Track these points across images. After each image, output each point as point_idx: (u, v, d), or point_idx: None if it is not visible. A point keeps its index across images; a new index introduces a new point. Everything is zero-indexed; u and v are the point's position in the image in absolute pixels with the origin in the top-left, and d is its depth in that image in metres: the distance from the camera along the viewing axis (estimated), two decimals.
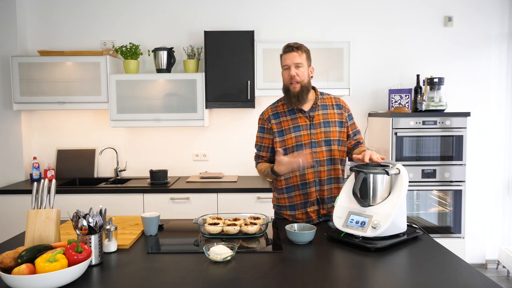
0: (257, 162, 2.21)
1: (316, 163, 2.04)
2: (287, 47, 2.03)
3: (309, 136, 2.04)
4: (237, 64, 3.40)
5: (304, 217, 2.08)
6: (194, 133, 3.78)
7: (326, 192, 2.07)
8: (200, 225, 1.87)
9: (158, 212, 1.97)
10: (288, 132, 2.06)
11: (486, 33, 3.72)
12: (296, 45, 2.02)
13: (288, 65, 2.02)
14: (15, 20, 3.51)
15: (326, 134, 2.05)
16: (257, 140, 2.18)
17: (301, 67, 2.01)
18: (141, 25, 3.72)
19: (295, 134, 2.05)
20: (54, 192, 1.65)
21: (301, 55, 2.01)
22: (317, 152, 2.04)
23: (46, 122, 3.76)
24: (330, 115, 2.08)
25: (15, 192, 3.20)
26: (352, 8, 3.71)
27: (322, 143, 2.04)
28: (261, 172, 2.16)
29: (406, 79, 3.73)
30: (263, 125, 2.15)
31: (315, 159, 2.03)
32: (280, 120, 2.10)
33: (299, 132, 2.05)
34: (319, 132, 2.05)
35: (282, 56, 2.06)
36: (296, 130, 2.05)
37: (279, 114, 2.11)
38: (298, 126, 2.06)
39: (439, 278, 1.37)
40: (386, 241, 1.65)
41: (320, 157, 2.04)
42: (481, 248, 3.80)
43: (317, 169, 2.04)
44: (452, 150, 3.28)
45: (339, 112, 2.11)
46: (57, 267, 1.29)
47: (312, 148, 2.03)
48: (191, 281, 1.38)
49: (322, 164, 2.05)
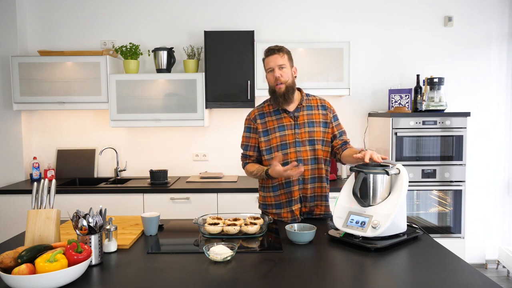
0: (244, 162, 2.23)
1: (300, 162, 2.06)
2: (268, 51, 2.08)
3: (293, 136, 2.08)
4: (237, 64, 3.41)
5: (289, 215, 2.10)
6: (194, 133, 3.78)
7: (309, 191, 2.10)
8: (200, 225, 1.87)
9: (158, 212, 1.97)
10: (273, 132, 2.10)
11: (486, 33, 3.72)
12: (277, 47, 2.07)
13: (272, 67, 2.06)
14: (15, 20, 3.51)
15: (310, 134, 2.08)
16: (244, 140, 2.21)
17: (284, 68, 2.06)
18: (141, 25, 3.72)
19: (280, 134, 2.09)
20: (54, 192, 1.65)
21: (283, 57, 2.06)
22: (301, 151, 2.08)
23: (46, 122, 3.76)
24: (315, 115, 2.12)
25: (15, 192, 3.20)
26: (352, 8, 3.71)
27: (306, 143, 2.08)
28: (251, 173, 2.17)
29: (406, 79, 3.73)
30: (249, 125, 2.19)
31: (299, 158, 2.06)
32: (265, 120, 2.14)
33: (284, 132, 2.09)
34: (303, 132, 2.08)
35: (264, 60, 2.11)
36: (280, 129, 2.09)
37: (265, 114, 2.15)
38: (283, 126, 2.10)
39: (439, 278, 1.37)
40: (386, 241, 1.65)
41: (304, 156, 2.08)
42: (481, 248, 3.80)
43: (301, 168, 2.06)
44: (452, 150, 3.28)
45: (324, 112, 2.14)
46: (57, 267, 1.29)
47: (296, 147, 2.07)
48: (191, 281, 1.38)
49: (306, 163, 2.08)
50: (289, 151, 2.07)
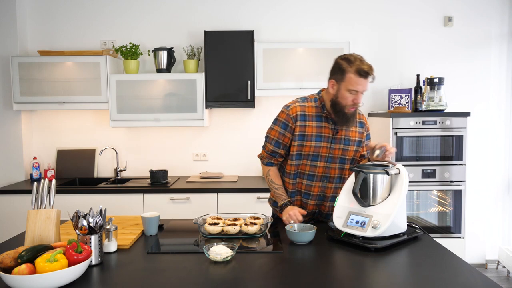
0: (270, 162, 2.05)
1: (326, 179, 2.00)
2: (362, 72, 1.82)
3: (327, 150, 1.96)
4: (237, 64, 3.40)
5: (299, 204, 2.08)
6: (194, 133, 3.78)
7: (327, 208, 2.06)
8: (200, 225, 1.87)
9: (158, 212, 1.97)
10: (309, 139, 1.95)
11: (486, 33, 3.72)
12: (371, 71, 1.84)
13: (358, 91, 1.85)
14: (15, 20, 3.51)
15: (344, 152, 1.98)
16: (275, 135, 2.00)
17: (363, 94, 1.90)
18: (141, 25, 3.72)
19: (315, 144, 1.95)
20: (54, 192, 1.65)
21: (370, 80, 1.87)
22: (330, 168, 1.99)
23: (46, 122, 3.76)
24: (352, 132, 1.99)
25: (15, 192, 3.20)
26: (352, 8, 3.71)
27: (337, 160, 1.98)
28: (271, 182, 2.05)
29: (406, 79, 3.73)
30: (287, 122, 1.97)
31: (326, 174, 1.99)
32: (305, 123, 1.95)
33: (320, 143, 1.95)
34: (338, 149, 1.97)
35: (350, 77, 1.83)
36: (317, 139, 1.95)
37: (307, 116, 1.96)
38: (321, 136, 1.95)
39: (439, 278, 1.37)
40: (386, 241, 1.66)
41: (332, 173, 2.00)
42: (481, 248, 3.80)
43: (325, 184, 2.01)
44: (452, 150, 3.28)
45: (360, 131, 2.02)
46: (57, 267, 1.29)
47: (326, 163, 1.98)
48: (191, 281, 1.38)
49: (331, 181, 2.01)
50: (319, 164, 1.97)
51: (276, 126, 2.00)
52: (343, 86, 1.86)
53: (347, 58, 1.86)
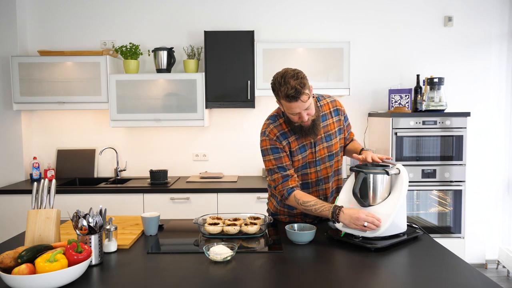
0: (290, 188, 1.87)
1: (321, 182, 1.99)
2: (290, 97, 1.71)
3: (313, 155, 1.94)
4: (237, 64, 3.40)
5: None
6: (194, 133, 3.78)
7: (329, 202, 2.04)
8: (200, 225, 1.87)
9: (158, 212, 1.97)
10: (296, 154, 1.92)
11: (486, 33, 3.72)
12: (296, 93, 1.70)
13: (297, 112, 1.78)
14: (15, 20, 3.51)
15: (329, 148, 1.96)
16: (275, 163, 1.89)
17: (309, 107, 1.77)
18: (141, 25, 3.72)
19: (302, 156, 1.93)
20: (54, 192, 1.65)
21: (305, 97, 1.72)
22: (321, 170, 1.96)
23: (46, 122, 3.76)
24: (330, 125, 1.97)
25: (15, 192, 3.20)
26: (352, 8, 3.71)
27: (326, 159, 1.96)
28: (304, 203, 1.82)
29: (406, 79, 3.73)
30: (275, 146, 1.89)
31: (319, 178, 1.98)
32: (288, 141, 1.91)
33: (305, 153, 1.93)
34: (322, 148, 1.94)
35: (283, 103, 1.77)
36: (302, 151, 1.93)
37: (286, 134, 1.91)
38: (304, 146, 1.92)
39: (439, 278, 1.37)
40: (386, 241, 1.66)
41: (324, 174, 1.97)
42: (481, 248, 3.80)
43: (322, 187, 2.00)
44: (452, 150, 3.28)
45: (337, 119, 1.99)
46: (57, 267, 1.29)
47: (316, 167, 1.95)
48: (191, 281, 1.38)
49: (327, 181, 2.00)
50: (309, 171, 1.95)
51: (268, 156, 1.92)
52: (284, 109, 1.83)
53: (275, 81, 1.77)
